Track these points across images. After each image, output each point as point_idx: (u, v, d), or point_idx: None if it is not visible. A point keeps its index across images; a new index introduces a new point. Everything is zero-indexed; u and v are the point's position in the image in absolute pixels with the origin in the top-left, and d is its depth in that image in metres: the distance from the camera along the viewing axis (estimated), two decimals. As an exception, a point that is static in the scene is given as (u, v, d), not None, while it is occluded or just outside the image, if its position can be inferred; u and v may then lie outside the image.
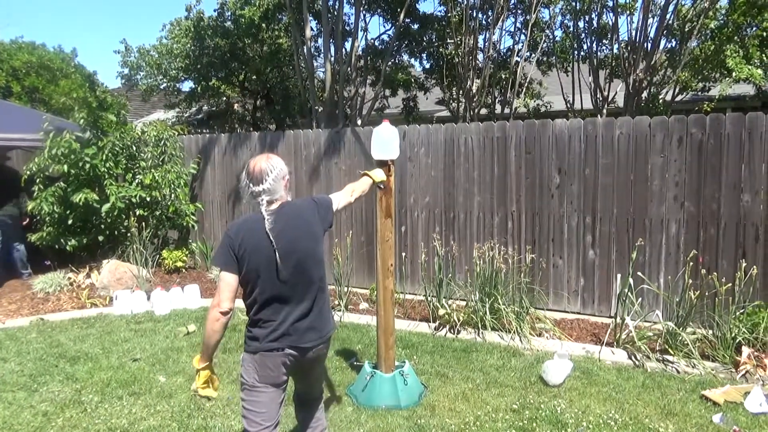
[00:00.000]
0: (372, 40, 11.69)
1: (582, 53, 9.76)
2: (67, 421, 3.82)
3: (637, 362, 4.65)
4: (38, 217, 7.26)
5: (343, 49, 9.48)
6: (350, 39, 9.61)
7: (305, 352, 2.59)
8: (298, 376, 2.79)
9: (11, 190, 7.50)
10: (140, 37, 40.22)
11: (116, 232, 7.47)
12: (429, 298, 5.83)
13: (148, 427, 3.71)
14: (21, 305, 6.60)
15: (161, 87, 13.23)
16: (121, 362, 4.84)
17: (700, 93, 10.83)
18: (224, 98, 14.19)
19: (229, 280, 2.46)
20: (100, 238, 7.38)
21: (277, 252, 2.46)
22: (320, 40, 11.08)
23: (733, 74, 8.37)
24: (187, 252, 8.06)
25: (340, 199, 2.93)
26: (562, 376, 4.23)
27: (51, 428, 3.72)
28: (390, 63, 11.21)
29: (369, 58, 11.35)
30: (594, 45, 9.26)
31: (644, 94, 7.97)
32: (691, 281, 4.78)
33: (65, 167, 6.93)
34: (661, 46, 8.04)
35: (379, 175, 3.52)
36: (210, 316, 2.45)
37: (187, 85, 13.66)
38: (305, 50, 9.42)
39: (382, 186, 3.64)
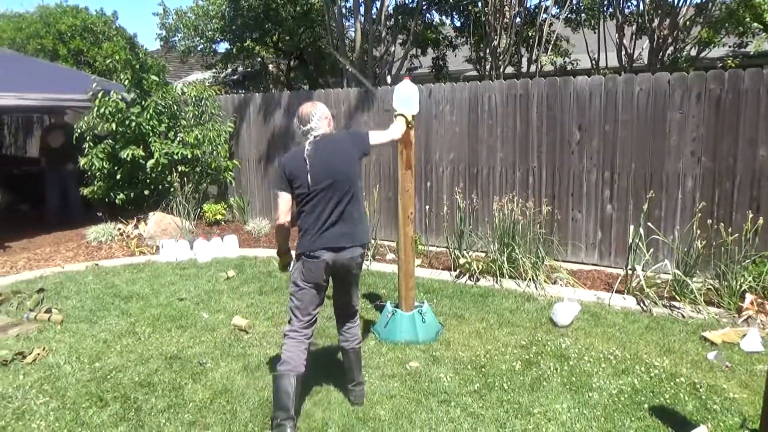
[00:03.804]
0: (402, -1, 11.75)
1: (610, 10, 9.68)
2: (124, 347, 4.35)
3: (644, 308, 4.93)
4: (89, 173, 7.83)
5: (374, 8, 9.63)
6: (380, -2, 9.73)
7: (339, 252, 3.16)
8: (335, 284, 3.36)
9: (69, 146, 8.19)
10: (178, 0, 40.56)
11: (160, 187, 8.00)
12: (451, 249, 6.17)
13: (194, 353, 4.20)
14: (77, 252, 7.23)
15: (198, 48, 13.59)
16: (169, 301, 5.36)
17: (736, 49, 10.64)
18: (259, 59, 14.50)
19: (282, 199, 3.22)
20: (146, 192, 7.93)
21: (309, 172, 3.10)
22: (351, 0, 11.23)
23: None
24: (225, 206, 8.57)
25: (377, 134, 3.53)
26: (569, 317, 4.55)
27: (111, 353, 4.26)
28: (420, 21, 11.30)
29: (399, 17, 11.44)
30: (621, 1, 9.18)
31: (669, 51, 7.94)
32: (699, 232, 4.99)
33: (113, 125, 7.44)
34: (689, 1, 7.97)
35: (409, 112, 3.98)
36: (276, 227, 3.44)
37: (222, 47, 14.00)
38: (335, 10, 9.61)
39: (411, 125, 4.04)
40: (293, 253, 3.30)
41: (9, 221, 8.72)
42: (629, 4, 9.84)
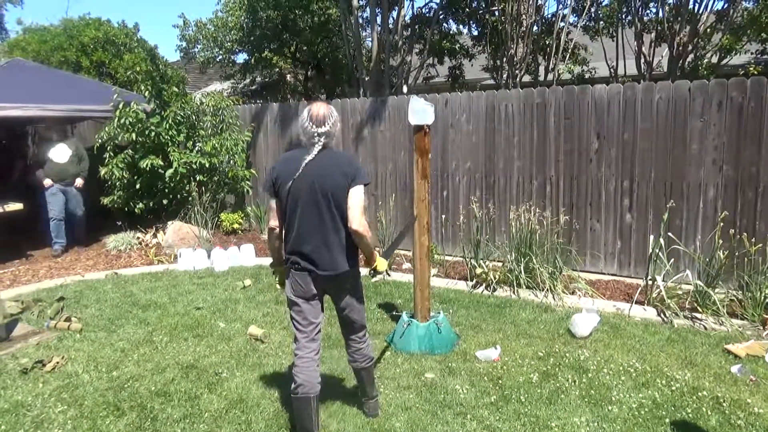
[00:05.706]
0: (419, 8, 11.84)
1: (628, 18, 9.61)
2: (141, 356, 4.37)
3: (665, 319, 4.84)
4: (109, 182, 7.93)
5: (390, 18, 9.67)
6: (397, 7, 9.77)
7: (321, 278, 3.00)
8: (331, 298, 3.20)
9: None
10: (197, 11, 41.22)
11: (179, 196, 8.07)
12: (467, 259, 6.13)
13: (210, 363, 4.21)
14: (97, 261, 7.32)
15: (217, 59, 13.76)
16: (186, 310, 5.39)
17: (759, 56, 10.47)
18: (277, 69, 14.63)
19: (271, 205, 3.05)
20: (165, 201, 8.00)
21: (295, 180, 2.88)
22: (368, 10, 11.29)
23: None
24: (242, 215, 8.63)
25: (356, 200, 2.91)
26: (588, 328, 4.48)
27: (128, 362, 4.28)
28: (436, 31, 11.32)
29: (416, 26, 11.48)
30: (640, 9, 9.10)
31: (690, 58, 7.85)
32: (722, 242, 4.89)
33: (133, 135, 7.54)
34: (709, 8, 7.87)
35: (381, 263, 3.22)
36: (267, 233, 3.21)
37: (241, 57, 14.18)
38: (353, 20, 9.67)
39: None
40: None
41: (32, 231, 8.85)
42: (648, 11, 9.76)
